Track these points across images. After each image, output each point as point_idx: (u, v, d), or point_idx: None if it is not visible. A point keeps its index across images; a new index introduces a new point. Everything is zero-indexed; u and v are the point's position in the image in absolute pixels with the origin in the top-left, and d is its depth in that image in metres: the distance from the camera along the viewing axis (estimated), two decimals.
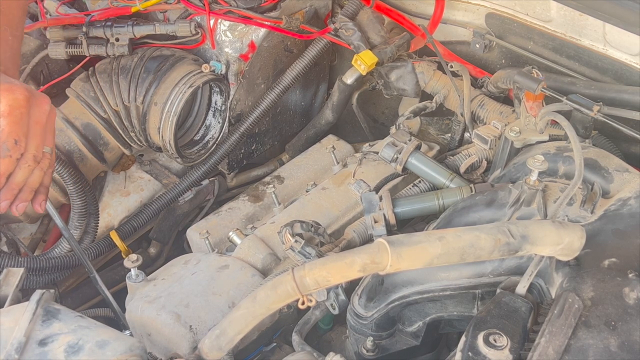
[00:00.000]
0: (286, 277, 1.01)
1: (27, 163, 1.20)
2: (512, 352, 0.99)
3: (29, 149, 1.20)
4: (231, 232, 1.61)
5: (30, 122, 1.19)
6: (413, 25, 1.95)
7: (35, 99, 1.20)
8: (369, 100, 2.22)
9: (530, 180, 1.23)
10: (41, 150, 1.22)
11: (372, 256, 0.98)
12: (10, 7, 1.31)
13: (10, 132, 1.15)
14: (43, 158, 1.23)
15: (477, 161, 1.62)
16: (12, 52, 1.30)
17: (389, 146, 1.60)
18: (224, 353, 1.12)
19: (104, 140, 1.81)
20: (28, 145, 1.19)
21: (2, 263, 1.59)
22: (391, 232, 1.47)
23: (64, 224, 1.53)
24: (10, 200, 1.23)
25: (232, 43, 1.81)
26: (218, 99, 1.89)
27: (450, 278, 1.24)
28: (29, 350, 0.97)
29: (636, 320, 1.00)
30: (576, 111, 1.43)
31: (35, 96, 1.21)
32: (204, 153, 1.90)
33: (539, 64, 1.77)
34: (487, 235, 1.01)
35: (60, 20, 1.77)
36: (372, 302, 1.29)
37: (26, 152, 1.19)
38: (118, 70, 1.76)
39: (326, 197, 1.66)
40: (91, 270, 1.56)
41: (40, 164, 1.23)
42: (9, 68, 1.26)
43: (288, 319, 1.44)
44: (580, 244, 1.07)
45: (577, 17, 1.67)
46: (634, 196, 1.23)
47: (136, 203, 1.92)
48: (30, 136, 1.20)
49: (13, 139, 1.16)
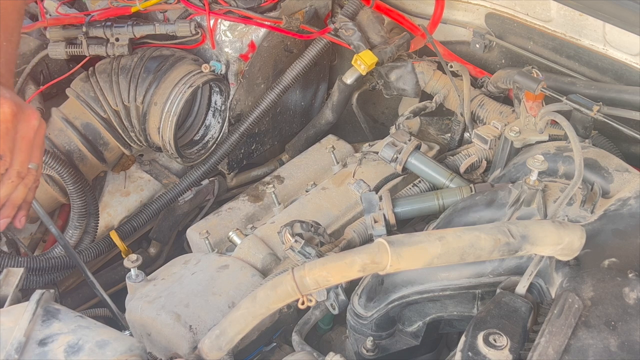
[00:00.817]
0: (286, 277, 1.01)
1: (11, 179, 1.18)
2: (512, 352, 0.99)
3: (14, 165, 1.17)
4: (231, 232, 1.61)
5: (17, 137, 1.17)
6: (413, 25, 1.95)
7: (23, 114, 1.17)
8: (369, 100, 2.22)
9: (530, 180, 1.23)
10: (26, 167, 1.20)
11: (372, 256, 0.98)
12: (5, 11, 1.27)
13: None
14: (28, 174, 1.21)
15: (477, 161, 1.62)
16: (7, 57, 1.26)
17: (388, 146, 1.60)
18: (224, 353, 1.12)
19: (104, 140, 1.81)
20: (13, 161, 1.17)
21: (2, 263, 1.59)
22: (391, 232, 1.47)
23: (58, 231, 1.52)
24: None
25: (232, 43, 1.81)
26: (218, 99, 1.89)
27: (450, 278, 1.24)
28: (29, 350, 0.97)
29: (636, 320, 1.00)
30: (576, 111, 1.43)
31: (24, 110, 1.17)
32: (203, 153, 1.90)
33: (539, 64, 1.77)
34: (487, 235, 1.01)
35: (60, 20, 1.77)
36: (372, 302, 1.29)
37: (10, 167, 1.17)
38: (118, 70, 1.76)
39: (326, 197, 1.66)
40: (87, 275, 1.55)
41: (25, 180, 1.21)
42: (2, 75, 1.23)
43: (288, 319, 1.44)
44: (580, 244, 1.07)
45: (577, 17, 1.67)
46: (634, 196, 1.23)
47: (136, 203, 1.93)
48: (15, 152, 1.17)
49: None
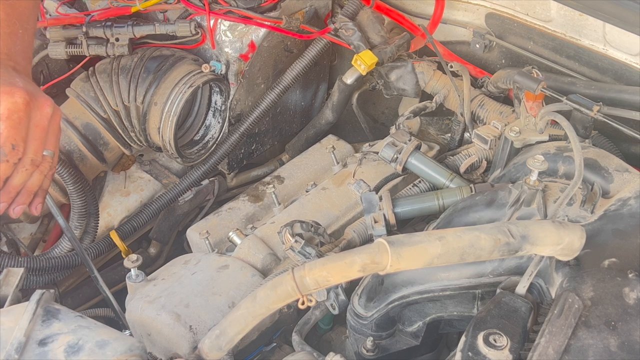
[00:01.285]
0: (286, 277, 1.01)
1: (25, 167, 1.19)
2: (512, 352, 0.99)
3: (28, 153, 1.19)
4: (231, 232, 1.61)
5: (30, 125, 1.18)
6: (413, 25, 1.95)
7: (36, 102, 1.19)
8: (369, 100, 2.22)
9: (530, 180, 1.23)
10: (40, 154, 1.21)
11: (372, 256, 0.98)
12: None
13: (8, 136, 1.14)
14: (43, 161, 1.22)
15: (477, 161, 1.62)
16: (23, 45, 1.27)
17: (388, 146, 1.60)
18: (224, 353, 1.12)
19: (104, 140, 1.81)
20: (27, 149, 1.19)
21: (2, 263, 1.59)
22: (391, 232, 1.47)
23: (67, 224, 1.53)
24: (8, 203, 1.22)
25: (232, 43, 1.81)
26: (218, 99, 1.89)
27: (450, 278, 1.24)
28: (29, 350, 0.97)
29: (636, 320, 1.00)
30: (576, 111, 1.42)
31: (37, 98, 1.19)
32: (204, 153, 1.90)
33: (539, 64, 1.77)
34: (487, 235, 1.01)
35: (60, 20, 1.77)
36: (372, 302, 1.29)
37: (24, 156, 1.19)
38: (118, 70, 1.76)
39: (326, 197, 1.66)
40: (92, 269, 1.56)
41: (40, 168, 1.22)
42: (19, 62, 1.24)
43: (288, 319, 1.44)
44: (580, 244, 1.07)
45: (577, 17, 1.67)
46: (634, 196, 1.23)
47: (136, 203, 1.93)
48: (29, 140, 1.18)
49: (10, 143, 1.15)
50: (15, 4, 1.27)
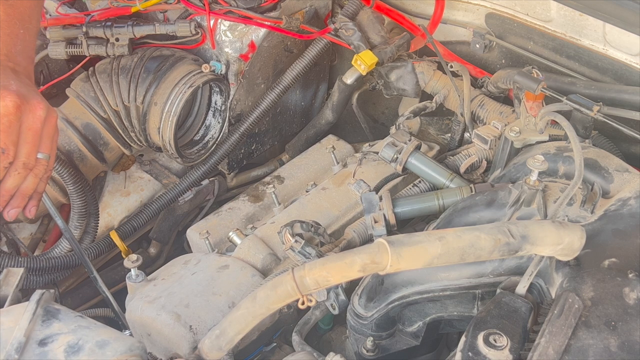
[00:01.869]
0: (286, 277, 1.01)
1: (17, 171, 1.19)
2: (512, 352, 0.99)
3: (19, 157, 1.18)
4: (231, 232, 1.61)
5: (22, 128, 1.17)
6: (413, 25, 1.95)
7: (28, 105, 1.18)
8: (369, 100, 2.22)
9: (530, 180, 1.23)
10: (33, 157, 1.20)
11: (372, 256, 0.98)
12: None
13: None
14: (37, 164, 1.21)
15: (477, 161, 1.62)
16: (24, 45, 1.27)
17: (389, 146, 1.60)
18: (224, 353, 1.12)
19: (104, 140, 1.81)
20: (18, 152, 1.18)
21: (2, 263, 1.59)
22: (391, 232, 1.47)
23: (65, 225, 1.53)
24: (2, 207, 1.22)
25: (232, 43, 1.81)
26: (218, 99, 1.89)
27: (450, 278, 1.24)
28: (29, 350, 0.97)
29: (636, 320, 1.00)
30: (576, 111, 1.43)
31: (29, 101, 1.18)
32: (204, 153, 1.90)
33: (539, 64, 1.77)
34: (487, 235, 1.01)
35: (60, 20, 1.77)
36: (372, 302, 1.29)
37: (16, 159, 1.18)
38: (118, 70, 1.76)
39: (326, 197, 1.66)
40: (91, 270, 1.56)
41: (34, 171, 1.22)
42: (19, 63, 1.24)
43: (288, 319, 1.44)
44: (580, 244, 1.07)
45: (577, 17, 1.67)
46: (634, 196, 1.23)
47: (136, 203, 1.93)
48: (21, 143, 1.18)
49: (0, 147, 1.15)
50: (16, 4, 1.27)
